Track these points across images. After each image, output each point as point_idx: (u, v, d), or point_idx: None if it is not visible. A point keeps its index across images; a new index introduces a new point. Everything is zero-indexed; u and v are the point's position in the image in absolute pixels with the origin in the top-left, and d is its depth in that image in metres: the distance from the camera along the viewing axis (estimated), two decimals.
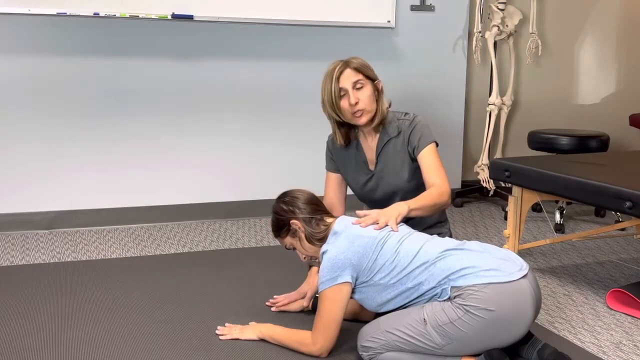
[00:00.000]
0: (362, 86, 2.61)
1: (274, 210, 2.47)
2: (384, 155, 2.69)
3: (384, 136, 2.69)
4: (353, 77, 2.60)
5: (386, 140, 2.68)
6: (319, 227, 2.39)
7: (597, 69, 5.21)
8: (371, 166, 2.74)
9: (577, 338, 2.58)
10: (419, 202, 2.46)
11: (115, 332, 2.52)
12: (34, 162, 3.87)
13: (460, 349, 2.16)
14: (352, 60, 2.64)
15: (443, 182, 2.56)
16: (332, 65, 2.65)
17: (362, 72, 2.63)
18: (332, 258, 2.27)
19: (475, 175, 4.68)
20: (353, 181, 2.80)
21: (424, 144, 2.62)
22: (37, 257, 3.44)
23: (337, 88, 2.60)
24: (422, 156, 2.62)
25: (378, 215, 2.35)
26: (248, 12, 3.99)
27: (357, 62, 2.65)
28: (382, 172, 2.70)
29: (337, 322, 2.28)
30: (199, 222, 4.16)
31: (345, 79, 2.60)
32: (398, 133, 2.68)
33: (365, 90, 2.61)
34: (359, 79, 2.61)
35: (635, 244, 3.84)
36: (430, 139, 2.64)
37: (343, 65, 2.62)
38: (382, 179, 2.70)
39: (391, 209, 2.39)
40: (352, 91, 2.59)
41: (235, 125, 4.21)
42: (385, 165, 2.68)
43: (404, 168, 2.67)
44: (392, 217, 2.34)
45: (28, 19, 3.74)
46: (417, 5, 4.50)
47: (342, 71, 2.61)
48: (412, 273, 2.21)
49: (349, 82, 2.60)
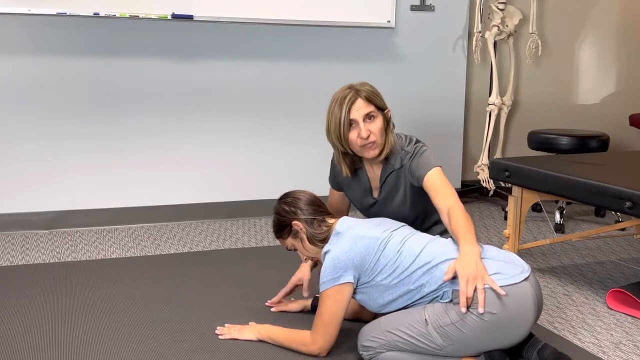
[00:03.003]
0: (374, 118, 2.47)
1: (275, 211, 2.47)
2: (387, 185, 2.61)
3: (387, 168, 2.59)
4: (365, 108, 2.45)
5: (389, 171, 2.59)
6: (320, 228, 2.39)
7: (597, 69, 5.21)
8: (375, 193, 2.66)
9: (577, 338, 2.58)
10: (471, 232, 2.26)
11: (115, 332, 2.52)
12: (34, 162, 3.87)
13: (460, 350, 2.16)
14: (363, 89, 2.48)
15: (455, 200, 2.37)
16: (340, 93, 2.48)
17: (373, 102, 2.47)
18: (335, 258, 2.26)
19: (475, 175, 4.68)
20: (357, 202, 2.74)
21: (426, 171, 2.46)
22: (37, 257, 3.44)
23: (348, 118, 2.44)
24: (427, 182, 2.46)
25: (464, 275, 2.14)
26: (248, 12, 3.98)
27: (368, 90, 2.48)
28: (385, 202, 2.64)
29: (337, 323, 2.28)
30: (199, 222, 4.16)
31: (356, 109, 2.44)
32: (401, 166, 2.56)
33: (377, 122, 2.47)
34: (371, 111, 2.46)
35: (635, 244, 3.84)
36: (433, 165, 2.47)
37: (354, 94, 2.45)
38: (385, 207, 2.64)
39: (475, 266, 2.14)
40: (364, 123, 2.45)
41: (235, 125, 4.21)
42: (388, 196, 2.62)
43: (406, 200, 2.60)
44: (480, 277, 2.13)
45: (28, 19, 3.74)
46: (417, 5, 4.50)
47: (354, 101, 2.44)
48: (414, 274, 2.21)
49: (360, 113, 2.44)
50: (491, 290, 2.10)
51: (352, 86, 2.50)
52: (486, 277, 2.12)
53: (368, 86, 2.52)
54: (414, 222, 2.63)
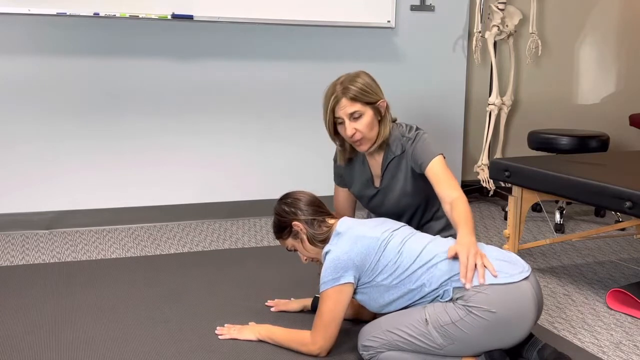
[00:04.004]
0: (360, 116, 2.48)
1: (275, 212, 2.47)
2: (389, 172, 2.62)
3: (388, 154, 2.60)
4: (349, 108, 2.46)
5: (390, 158, 2.60)
6: (321, 229, 2.39)
7: (597, 69, 5.21)
8: (377, 182, 2.67)
9: (577, 338, 2.58)
10: (470, 225, 2.30)
11: (115, 332, 2.52)
12: (34, 162, 3.87)
13: (461, 350, 2.16)
14: (351, 87, 2.47)
15: (460, 193, 2.40)
16: (329, 90, 2.51)
17: (360, 100, 2.47)
18: (335, 258, 2.26)
19: (475, 175, 4.68)
20: (359, 196, 2.75)
21: (429, 159, 2.47)
22: (37, 257, 3.44)
23: (332, 118, 2.50)
24: (430, 170, 2.47)
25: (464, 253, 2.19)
26: (248, 12, 3.99)
27: (356, 88, 2.47)
28: (387, 190, 2.65)
29: (337, 323, 2.28)
30: (199, 222, 4.16)
31: (341, 109, 2.47)
32: (402, 152, 2.58)
33: (362, 120, 2.48)
34: (355, 110, 2.47)
35: (635, 244, 3.84)
36: (435, 153, 2.49)
37: (340, 94, 2.47)
38: (388, 196, 2.66)
39: (474, 246, 2.21)
40: (349, 122, 2.47)
41: (235, 125, 4.21)
42: (390, 183, 2.63)
43: (408, 187, 2.60)
44: (480, 255, 2.19)
45: (28, 19, 3.74)
46: (417, 5, 4.50)
47: (338, 101, 2.47)
48: (414, 274, 2.21)
49: (345, 113, 2.47)
50: (492, 288, 2.10)
51: (342, 81, 2.50)
52: (484, 257, 2.17)
53: (360, 80, 2.50)
54: (415, 212, 2.63)
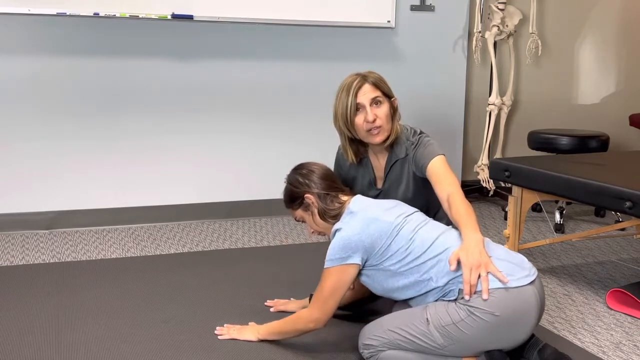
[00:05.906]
0: (381, 103, 2.50)
1: (288, 181, 2.46)
2: (392, 174, 2.63)
3: (392, 157, 2.61)
4: (371, 92, 2.49)
5: (394, 160, 2.60)
6: (333, 205, 2.37)
7: (597, 69, 5.21)
8: (379, 184, 2.67)
9: (577, 338, 2.58)
10: (472, 220, 2.27)
11: (115, 332, 2.52)
12: (34, 161, 3.87)
13: (461, 350, 2.16)
14: (370, 75, 2.53)
15: (455, 188, 2.39)
16: (348, 78, 2.53)
17: (380, 88, 2.51)
18: (345, 237, 2.25)
19: (475, 175, 4.68)
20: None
21: (429, 160, 2.49)
22: (37, 257, 3.44)
23: (354, 103, 2.48)
24: (430, 170, 2.48)
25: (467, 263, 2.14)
26: (248, 12, 3.99)
27: (375, 76, 2.53)
28: (389, 192, 2.65)
29: (336, 300, 2.27)
30: (199, 222, 4.16)
31: (363, 94, 2.48)
32: (405, 155, 2.58)
33: (383, 108, 2.50)
34: (377, 95, 2.49)
35: (635, 244, 3.84)
36: (436, 154, 2.49)
37: (361, 80, 2.50)
38: (389, 197, 2.63)
39: (479, 254, 2.15)
40: (370, 107, 2.48)
41: (235, 125, 4.21)
42: (392, 186, 2.64)
43: (409, 191, 2.61)
44: (484, 265, 2.13)
45: (28, 19, 3.74)
46: (417, 5, 4.50)
47: (361, 86, 2.49)
48: (424, 264, 2.20)
49: (367, 97, 2.48)
50: (497, 291, 2.10)
51: (360, 73, 2.55)
52: (490, 265, 2.12)
53: (375, 74, 2.56)
54: None
